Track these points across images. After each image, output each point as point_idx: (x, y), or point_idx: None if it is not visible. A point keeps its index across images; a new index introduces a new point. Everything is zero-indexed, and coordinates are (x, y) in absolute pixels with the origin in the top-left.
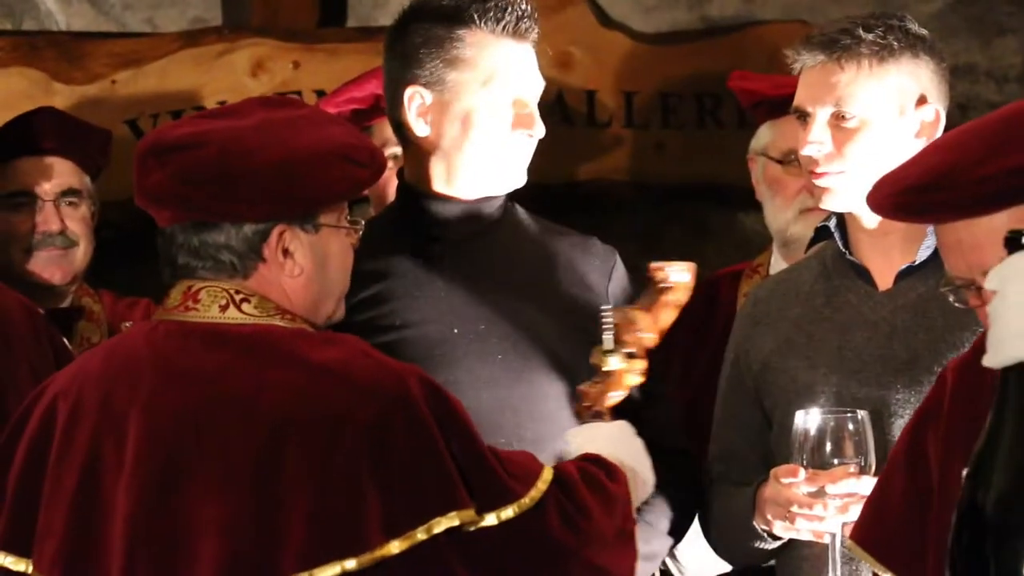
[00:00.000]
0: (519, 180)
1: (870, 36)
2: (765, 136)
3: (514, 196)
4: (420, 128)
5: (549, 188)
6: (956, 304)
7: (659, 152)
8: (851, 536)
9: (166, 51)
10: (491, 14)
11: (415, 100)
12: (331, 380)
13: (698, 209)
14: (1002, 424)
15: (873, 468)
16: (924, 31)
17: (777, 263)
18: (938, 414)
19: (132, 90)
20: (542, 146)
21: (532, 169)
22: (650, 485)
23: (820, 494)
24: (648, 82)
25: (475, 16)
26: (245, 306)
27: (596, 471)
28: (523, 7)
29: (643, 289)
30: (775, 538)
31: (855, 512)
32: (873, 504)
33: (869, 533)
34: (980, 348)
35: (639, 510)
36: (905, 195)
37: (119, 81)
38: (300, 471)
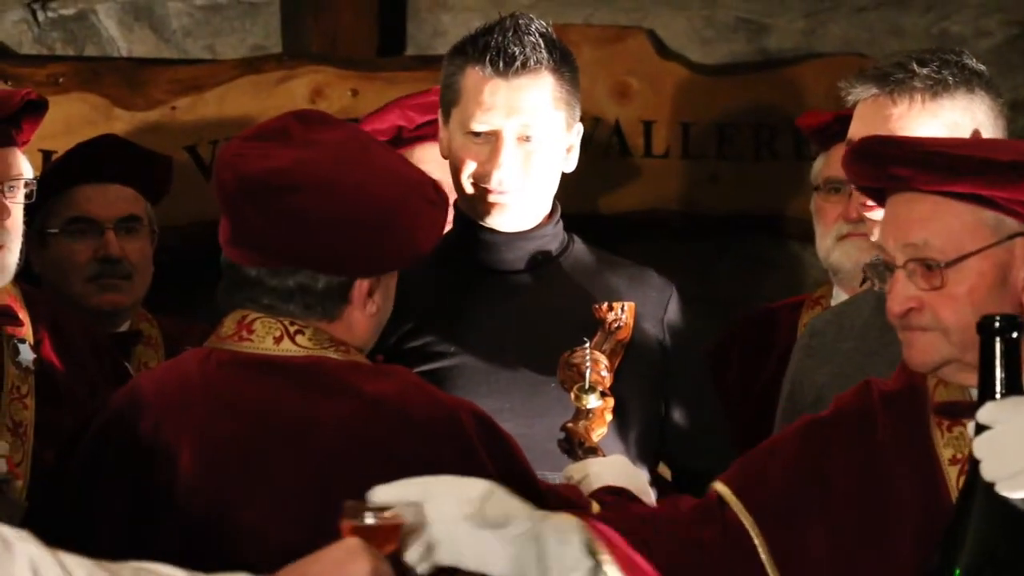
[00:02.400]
0: (497, 219)
1: (924, 71)
2: (815, 167)
3: (570, 225)
4: None
5: (604, 218)
6: (873, 285)
7: (715, 183)
8: (725, 482)
9: (226, 78)
10: (468, 50)
11: (440, 131)
12: (384, 414)
13: (753, 241)
14: (971, 501)
15: None
16: (981, 67)
17: (838, 295)
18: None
19: (192, 116)
20: (599, 176)
21: (588, 198)
22: None
23: None
24: (705, 113)
25: (465, 51)
26: (299, 338)
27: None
28: (501, 43)
29: (593, 330)
30: None
31: None
32: (757, 462)
33: (751, 491)
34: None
35: None
36: (884, 143)
37: (179, 107)
38: None
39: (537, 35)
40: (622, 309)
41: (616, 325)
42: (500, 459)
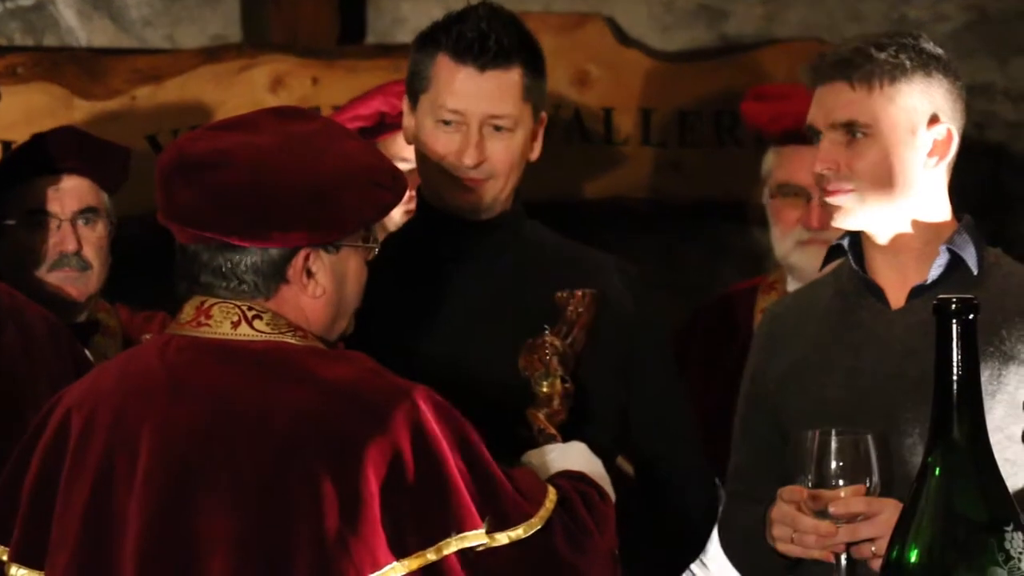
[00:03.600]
0: (464, 207)
1: (882, 56)
2: (769, 162)
3: (531, 213)
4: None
5: (565, 206)
6: None
7: (676, 170)
8: None
9: (186, 67)
10: (440, 38)
11: (405, 117)
12: (341, 399)
13: (715, 227)
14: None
15: (879, 488)
16: (939, 50)
17: (792, 281)
18: None
19: (152, 106)
20: (559, 164)
21: (549, 186)
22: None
23: (825, 514)
24: (666, 100)
25: (436, 39)
26: (257, 323)
27: (589, 491)
28: (474, 32)
29: (556, 318)
30: (786, 557)
31: (861, 532)
32: None
33: None
34: None
35: None
36: None
37: (139, 97)
38: (308, 491)
39: (509, 24)
40: (583, 296)
41: (577, 312)
42: (457, 442)
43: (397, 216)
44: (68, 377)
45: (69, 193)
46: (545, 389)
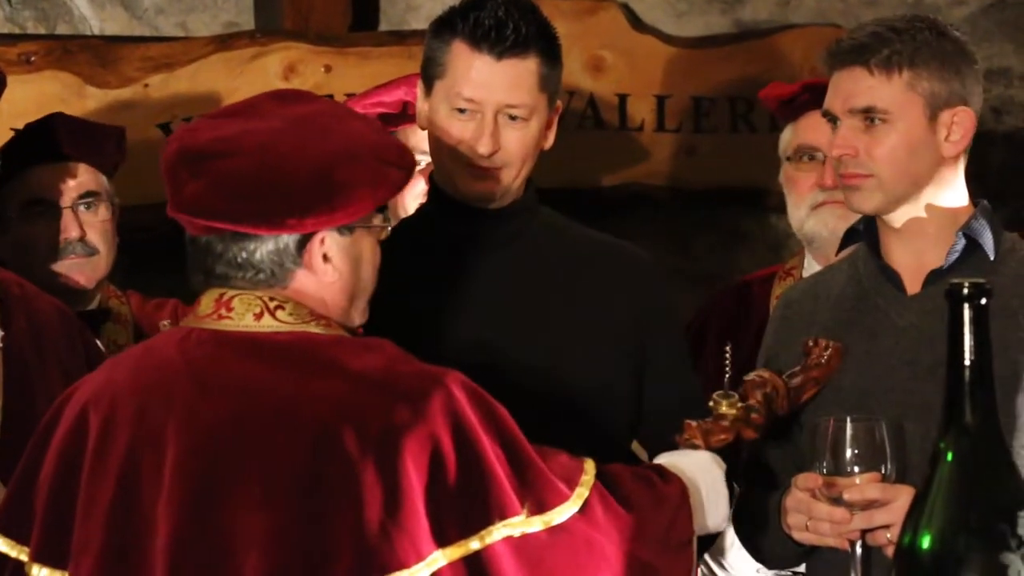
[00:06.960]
0: (478, 195)
1: (901, 40)
2: (786, 136)
3: (546, 200)
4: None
5: (580, 192)
6: None
7: (691, 156)
8: None
9: (198, 55)
10: (457, 24)
11: (419, 102)
12: (373, 389)
13: (731, 213)
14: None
15: (894, 475)
16: (957, 34)
17: (810, 266)
18: None
19: (164, 94)
20: (574, 150)
21: (563, 173)
22: (720, 517)
23: (840, 502)
24: (680, 86)
25: (453, 26)
26: (280, 313)
27: (648, 471)
28: (492, 20)
29: (800, 360)
30: (801, 544)
31: (876, 519)
32: None
33: None
34: None
35: None
36: None
37: (152, 85)
38: (345, 484)
39: (526, 12)
40: (827, 347)
41: (817, 363)
42: (492, 427)
43: (410, 206)
44: (79, 365)
45: (68, 180)
46: (723, 409)
